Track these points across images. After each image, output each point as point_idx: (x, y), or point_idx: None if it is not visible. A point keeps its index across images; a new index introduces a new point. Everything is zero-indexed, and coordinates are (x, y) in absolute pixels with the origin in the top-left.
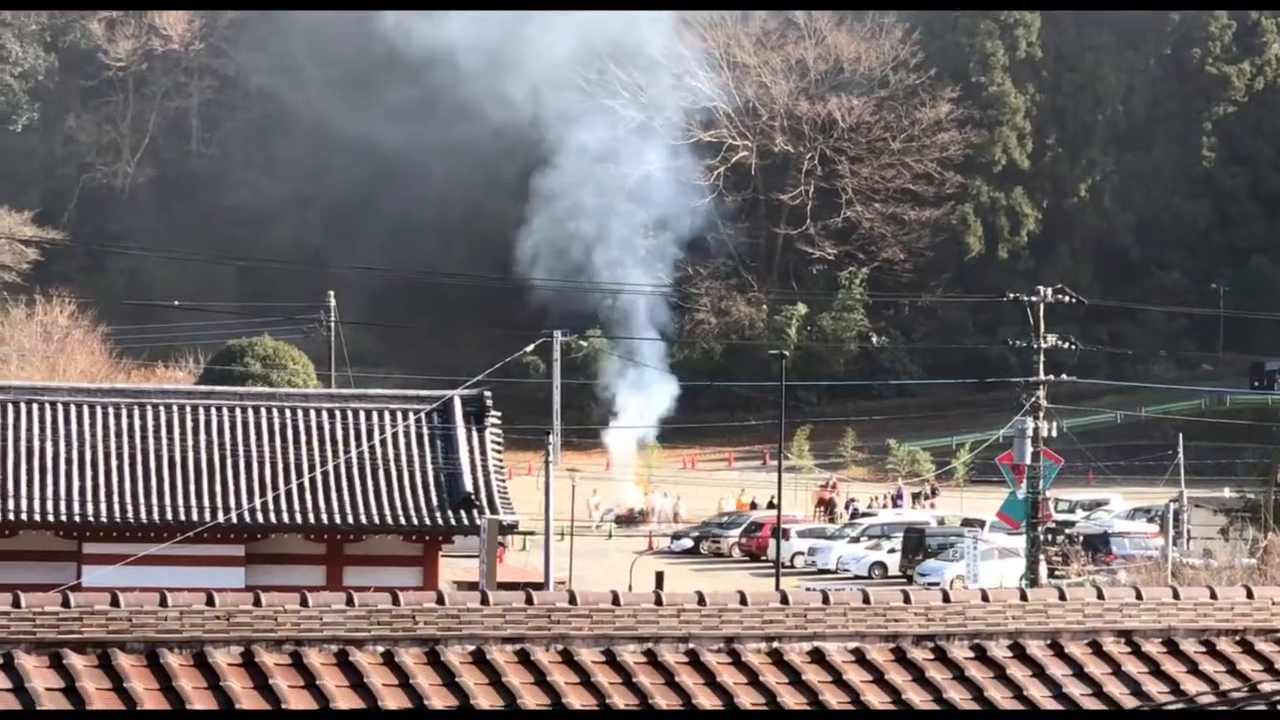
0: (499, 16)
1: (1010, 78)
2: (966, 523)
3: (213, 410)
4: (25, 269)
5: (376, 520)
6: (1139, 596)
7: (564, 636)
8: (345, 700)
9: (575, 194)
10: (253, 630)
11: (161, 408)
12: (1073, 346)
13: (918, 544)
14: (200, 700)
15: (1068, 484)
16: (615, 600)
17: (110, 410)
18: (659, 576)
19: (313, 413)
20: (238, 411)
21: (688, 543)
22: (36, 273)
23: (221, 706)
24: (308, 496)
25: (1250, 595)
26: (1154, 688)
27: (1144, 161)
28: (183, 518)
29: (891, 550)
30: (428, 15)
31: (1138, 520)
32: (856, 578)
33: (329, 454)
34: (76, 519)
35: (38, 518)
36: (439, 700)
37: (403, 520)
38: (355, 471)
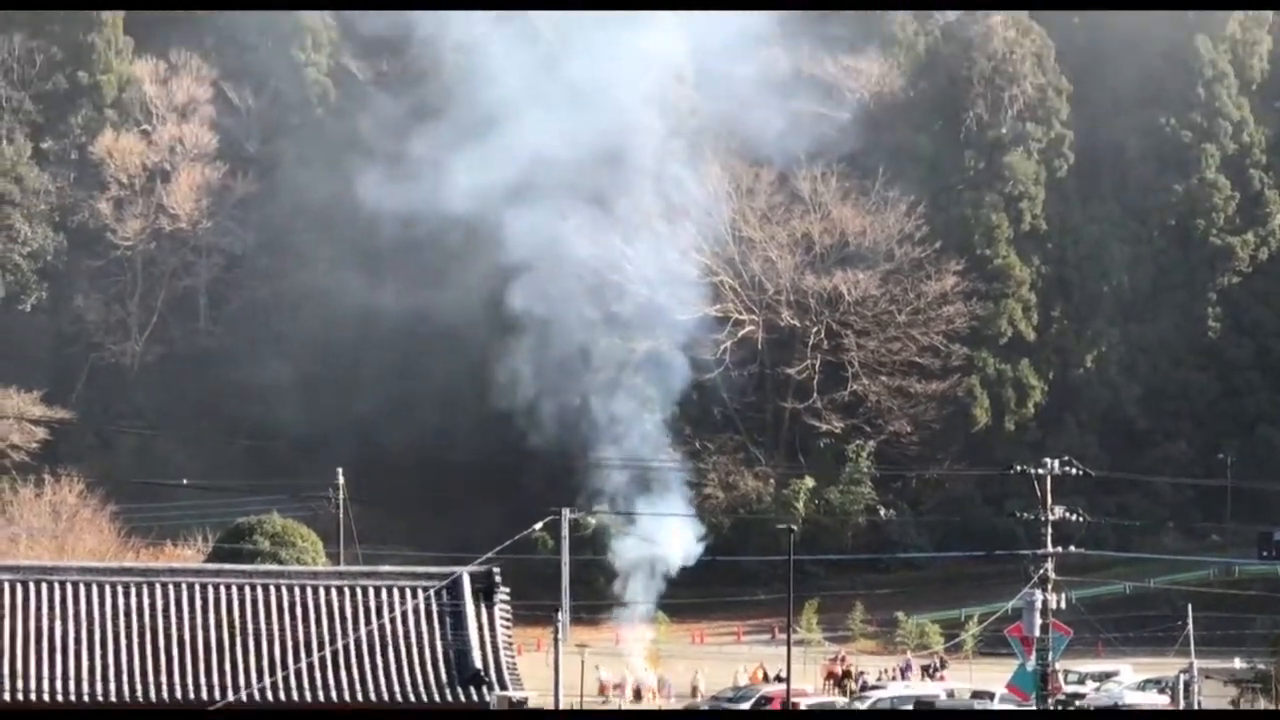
0: (503, 189)
1: (1015, 250)
2: (976, 695)
3: (222, 588)
4: (34, 448)
5: (386, 697)
6: None
7: None
8: None
9: (582, 368)
10: None
11: (171, 586)
12: (1080, 518)
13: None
14: None
15: (1077, 655)
16: None
17: (120, 589)
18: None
19: (322, 590)
20: (247, 589)
21: None
22: (45, 452)
23: None
24: (317, 674)
25: None
26: None
27: (1149, 332)
28: (192, 696)
29: None
30: (435, 189)
31: (1148, 691)
32: None
33: (339, 631)
34: (85, 699)
35: (48, 698)
36: None
37: (412, 697)
38: (365, 649)
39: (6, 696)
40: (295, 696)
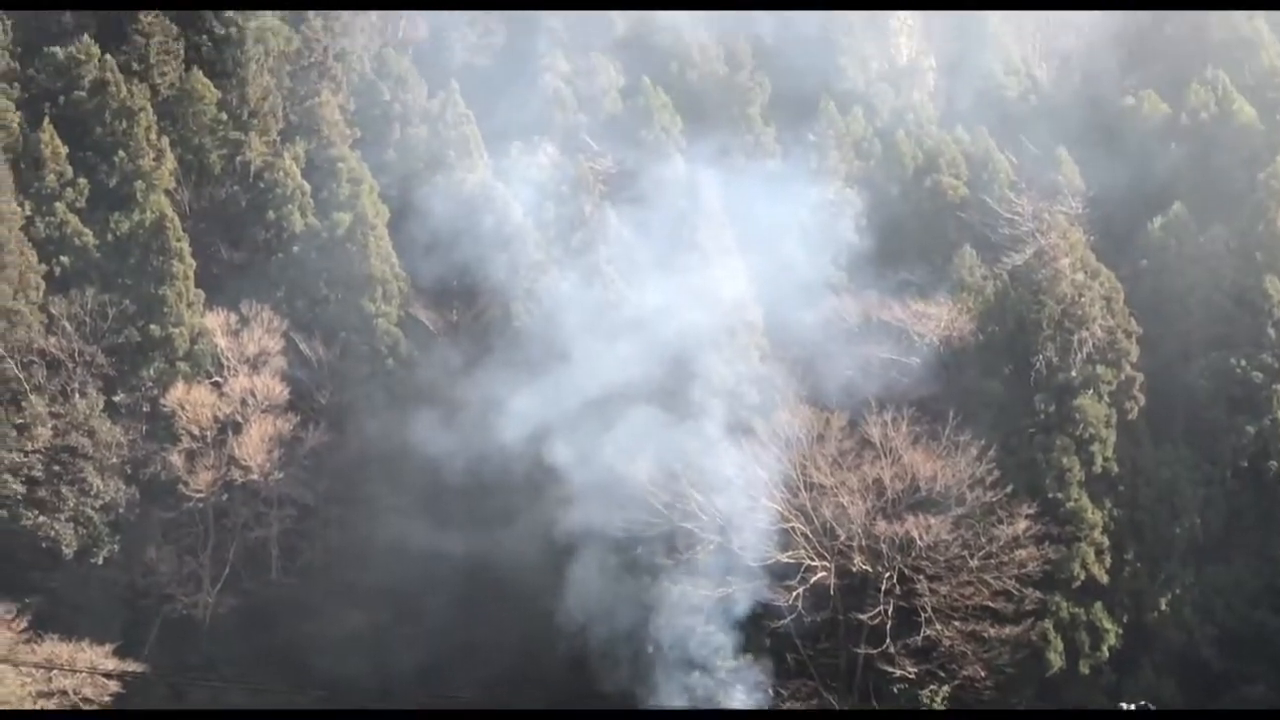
0: (565, 427)
1: (1087, 493)
2: None
3: None
4: (107, 701)
5: None
6: None
7: None
8: None
9: (653, 613)
10: None
11: None
12: None
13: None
14: None
15: None
16: None
17: None
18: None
19: None
20: None
21: None
22: (118, 704)
23: None
24: None
25: None
26: None
27: (1224, 574)
28: None
29: None
30: (499, 431)
31: None
32: None
33: None
34: None
35: None
36: None
37: None
38: None
39: None
40: None
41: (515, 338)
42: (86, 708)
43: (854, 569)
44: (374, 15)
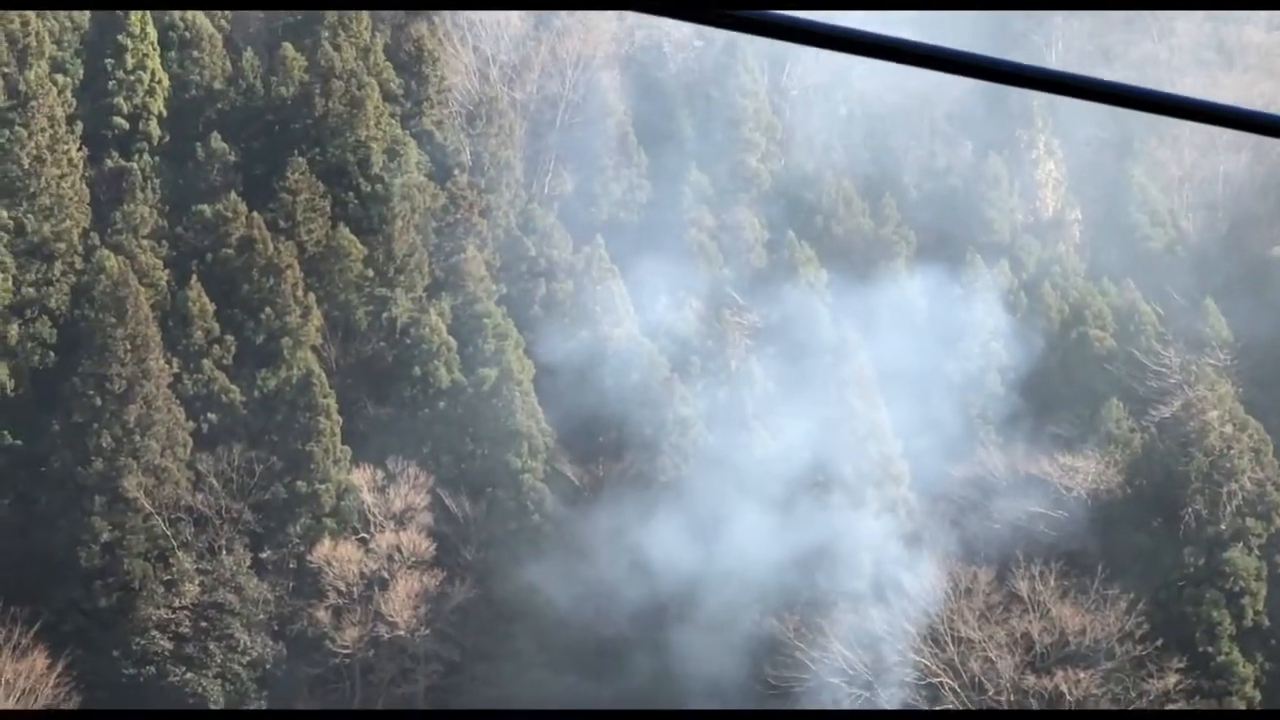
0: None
1: (1238, 646)
2: None
3: None
4: None
5: None
6: None
7: None
8: None
9: None
10: None
11: None
12: None
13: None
14: None
15: None
16: None
17: None
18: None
19: None
20: None
21: None
22: None
23: None
24: None
25: None
26: None
27: None
28: None
29: None
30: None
31: None
32: None
33: None
34: None
35: None
36: None
37: None
38: None
39: None
40: None
41: (661, 493)
42: None
43: None
44: (519, 171)
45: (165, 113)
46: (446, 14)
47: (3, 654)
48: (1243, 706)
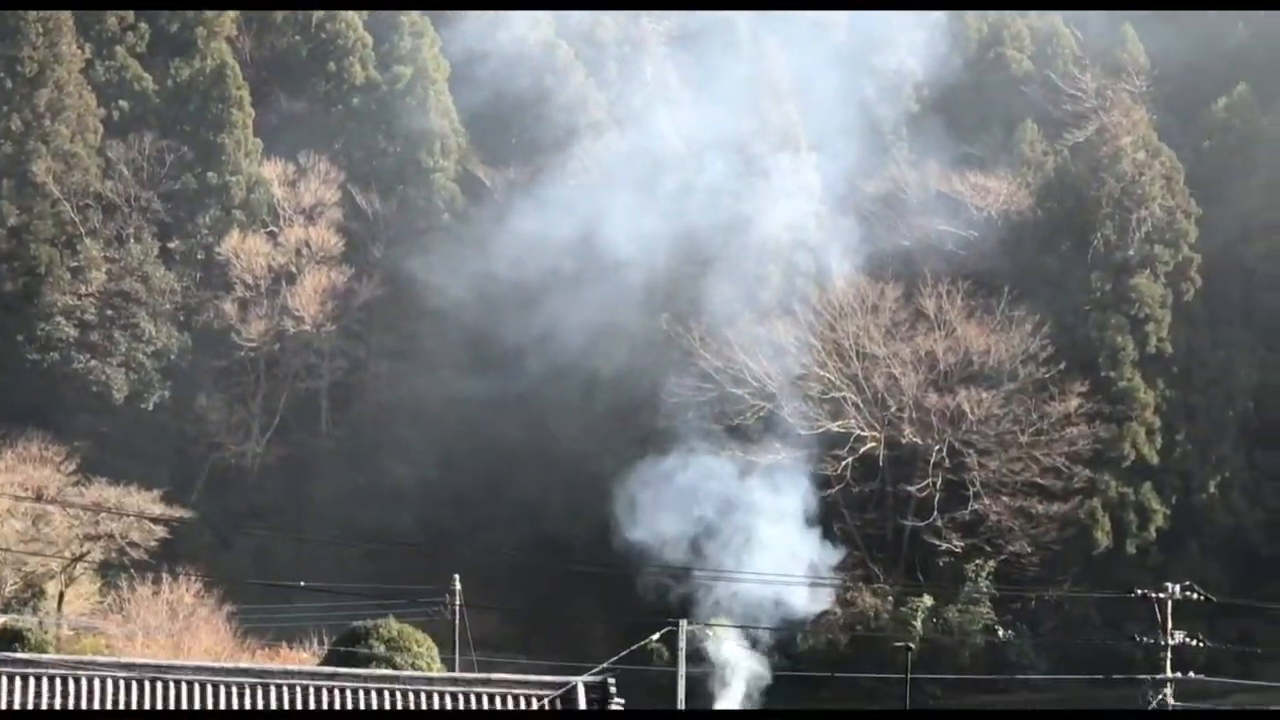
0: (635, 305)
1: (1140, 373)
2: None
3: (336, 692)
4: (153, 546)
5: None
6: None
7: None
8: None
9: (700, 480)
10: None
11: (285, 688)
12: (1201, 644)
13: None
14: None
15: None
16: None
17: (234, 690)
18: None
19: (436, 696)
20: (361, 694)
21: None
22: (164, 550)
23: None
24: None
25: None
26: None
27: (1275, 459)
28: None
29: None
30: (558, 297)
31: None
32: None
33: None
34: None
35: None
36: None
37: None
38: None
39: None
40: None
41: (572, 193)
42: (133, 553)
43: (903, 441)
44: None
45: None
46: None
47: None
48: (1142, 432)
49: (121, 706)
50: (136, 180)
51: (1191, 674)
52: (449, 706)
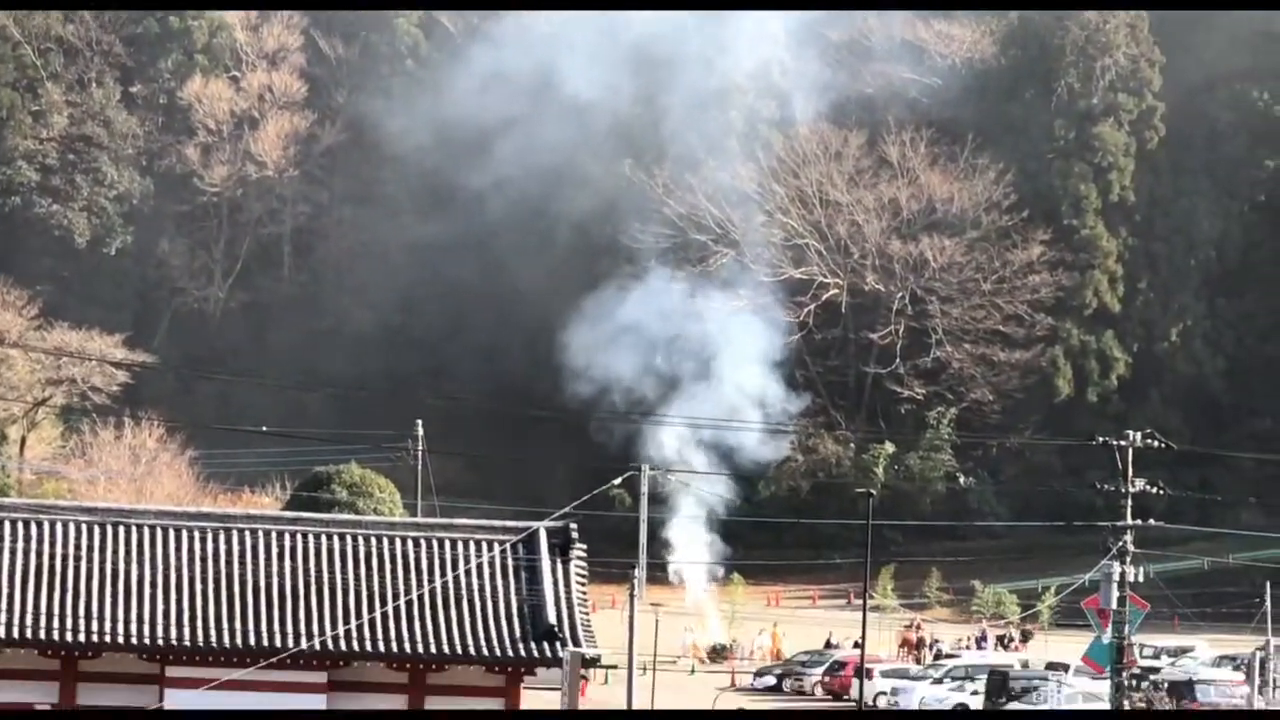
0: (597, 149)
1: (1103, 221)
2: (1050, 666)
3: (298, 537)
4: (115, 391)
5: (459, 650)
6: None
7: None
8: None
9: (663, 326)
10: None
11: (247, 533)
12: (1161, 491)
13: (1001, 687)
14: None
15: (1153, 630)
16: None
17: (196, 534)
18: (742, 713)
19: (398, 541)
20: (324, 539)
21: (770, 680)
22: (126, 395)
23: None
24: (391, 625)
25: None
26: None
27: (1236, 307)
28: (266, 643)
29: (975, 692)
30: (520, 140)
31: (1223, 668)
32: None
33: (413, 583)
34: (160, 642)
35: (121, 640)
36: None
37: (485, 651)
38: (439, 601)
39: (81, 637)
40: (368, 647)
41: (535, 40)
42: (95, 397)
43: (866, 288)
44: None
45: None
46: None
47: None
48: (1104, 280)
49: (84, 550)
50: (98, 24)
51: (1152, 521)
52: (411, 552)
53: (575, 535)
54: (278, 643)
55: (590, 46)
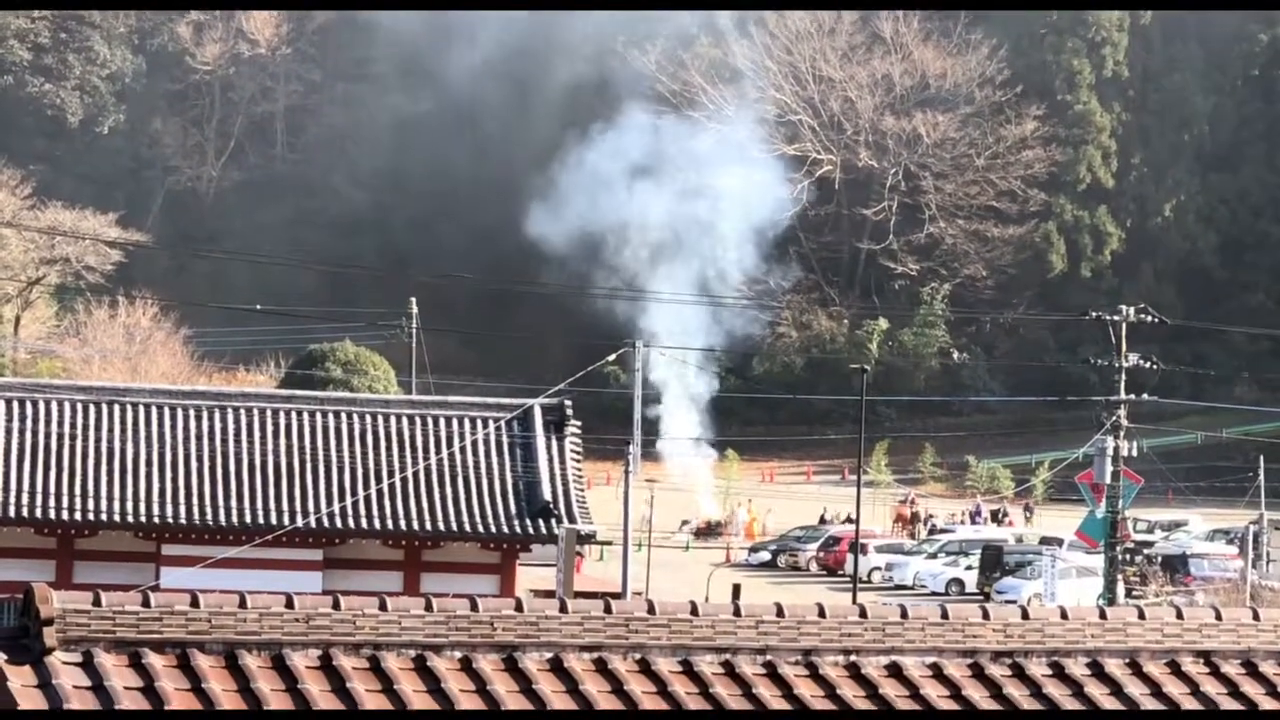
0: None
1: (1096, 96)
2: (1045, 541)
3: (293, 414)
4: (109, 270)
5: (455, 527)
6: (1219, 617)
7: (641, 646)
8: (422, 704)
9: (657, 203)
10: (331, 634)
11: (242, 411)
12: (1154, 366)
13: (995, 561)
14: (277, 701)
15: (1147, 504)
16: (694, 611)
17: (191, 412)
18: (736, 589)
19: (393, 419)
20: (318, 416)
21: (765, 556)
22: (120, 274)
23: (298, 708)
24: (386, 502)
25: None
26: (1233, 708)
27: (1229, 183)
28: (261, 521)
29: (969, 567)
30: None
31: (1217, 542)
32: (933, 594)
33: (408, 460)
34: (156, 520)
35: (117, 518)
36: (515, 705)
37: (481, 528)
38: (434, 478)
39: (78, 516)
40: (364, 524)
41: None
42: (89, 276)
43: (860, 164)
44: None
45: None
46: None
47: None
48: (1098, 155)
49: (79, 429)
50: None
51: (1145, 396)
52: (406, 429)
53: (570, 412)
54: (274, 520)
55: None
